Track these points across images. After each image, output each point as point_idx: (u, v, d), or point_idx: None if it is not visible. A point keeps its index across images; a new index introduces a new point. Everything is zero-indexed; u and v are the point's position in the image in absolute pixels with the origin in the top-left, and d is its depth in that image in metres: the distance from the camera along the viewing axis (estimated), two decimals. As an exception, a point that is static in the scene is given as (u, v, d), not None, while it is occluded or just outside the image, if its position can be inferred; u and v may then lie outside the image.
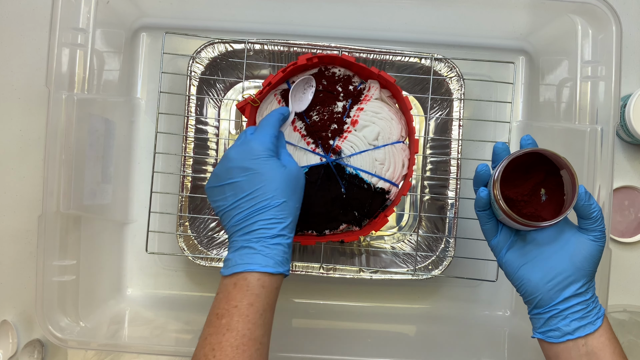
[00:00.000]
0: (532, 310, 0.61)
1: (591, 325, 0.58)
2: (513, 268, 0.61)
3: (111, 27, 0.79)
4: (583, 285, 0.58)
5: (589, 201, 0.58)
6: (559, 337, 0.58)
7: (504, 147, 0.62)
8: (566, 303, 0.58)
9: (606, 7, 0.70)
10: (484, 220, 0.62)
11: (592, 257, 0.58)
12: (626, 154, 0.85)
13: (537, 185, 0.61)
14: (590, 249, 0.58)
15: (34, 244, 0.70)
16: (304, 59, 0.71)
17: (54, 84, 0.69)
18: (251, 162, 0.60)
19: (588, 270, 0.58)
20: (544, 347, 0.60)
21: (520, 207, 0.61)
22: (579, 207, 0.58)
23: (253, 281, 0.57)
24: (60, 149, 0.70)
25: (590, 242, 0.58)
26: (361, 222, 0.75)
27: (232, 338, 0.55)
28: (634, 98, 0.78)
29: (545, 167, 0.60)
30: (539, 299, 0.59)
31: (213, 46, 0.79)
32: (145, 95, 0.85)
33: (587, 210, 0.58)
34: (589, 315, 0.58)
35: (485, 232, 0.63)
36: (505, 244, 0.62)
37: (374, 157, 0.73)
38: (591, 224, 0.59)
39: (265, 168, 0.60)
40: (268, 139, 0.62)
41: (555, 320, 0.58)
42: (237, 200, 0.60)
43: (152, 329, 0.79)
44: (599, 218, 0.58)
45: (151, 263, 0.85)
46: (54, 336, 0.70)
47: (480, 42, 0.84)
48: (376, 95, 0.75)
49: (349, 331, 0.82)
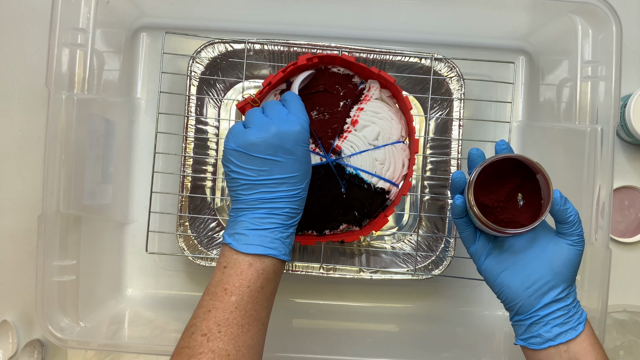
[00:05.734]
0: (514, 317, 0.60)
1: (573, 330, 0.57)
2: (492, 275, 0.60)
3: (111, 27, 0.79)
4: (563, 290, 0.58)
5: (564, 205, 0.57)
6: (540, 344, 0.58)
7: (478, 153, 0.62)
8: (547, 309, 0.58)
9: (606, 7, 0.70)
10: (461, 227, 0.62)
11: (571, 262, 0.58)
12: (626, 154, 0.85)
13: (513, 190, 0.60)
14: (568, 254, 0.58)
15: (34, 244, 0.70)
16: (304, 59, 0.71)
17: (54, 84, 0.69)
18: (296, 147, 0.59)
19: (567, 275, 0.58)
20: (527, 354, 0.60)
21: (497, 214, 0.60)
22: (555, 211, 0.58)
23: (269, 266, 0.57)
24: (60, 149, 0.70)
25: (569, 247, 0.58)
26: (361, 222, 0.75)
27: (240, 317, 0.55)
28: (634, 98, 0.78)
29: (521, 172, 0.60)
30: (519, 305, 0.59)
31: (213, 46, 0.79)
32: (145, 95, 0.85)
33: (563, 214, 0.58)
34: (571, 320, 0.57)
35: (463, 239, 0.63)
36: (484, 250, 0.61)
37: (374, 157, 0.73)
38: (568, 229, 0.58)
39: (307, 158, 0.60)
40: (307, 126, 0.61)
41: (536, 326, 0.58)
42: (271, 178, 0.58)
43: (152, 329, 0.79)
44: (575, 222, 0.58)
45: (151, 263, 0.85)
46: (54, 336, 0.70)
47: (480, 42, 0.84)
48: (376, 95, 0.75)
49: (349, 331, 0.82)
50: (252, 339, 0.55)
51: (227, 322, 0.54)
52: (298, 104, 0.62)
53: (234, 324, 0.54)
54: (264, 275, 0.57)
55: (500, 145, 0.61)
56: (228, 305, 0.55)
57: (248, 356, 0.55)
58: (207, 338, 0.54)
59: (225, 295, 0.56)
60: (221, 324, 0.54)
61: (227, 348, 0.53)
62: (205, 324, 0.54)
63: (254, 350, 0.56)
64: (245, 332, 0.55)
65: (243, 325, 0.55)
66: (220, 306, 0.55)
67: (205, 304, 0.56)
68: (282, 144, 0.58)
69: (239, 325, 0.55)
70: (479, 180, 0.59)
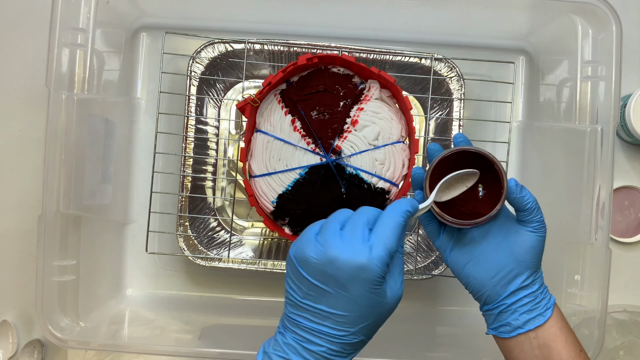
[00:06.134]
0: (482, 307, 0.60)
1: (541, 316, 0.57)
2: (458, 267, 0.60)
3: (111, 27, 0.79)
4: (528, 277, 0.58)
5: (520, 193, 0.57)
6: (510, 332, 0.58)
7: (436, 147, 0.62)
8: (513, 297, 0.58)
9: (606, 7, 0.70)
10: (425, 222, 0.62)
11: (533, 249, 0.58)
12: (626, 154, 0.85)
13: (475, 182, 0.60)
14: (530, 241, 0.58)
15: (34, 244, 0.70)
16: (304, 59, 0.71)
17: (54, 84, 0.69)
18: (354, 284, 0.48)
19: (530, 262, 0.58)
20: (499, 343, 0.60)
21: (458, 206, 0.60)
22: (512, 200, 0.58)
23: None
24: (60, 149, 0.70)
25: (530, 234, 0.58)
26: (361, 222, 0.74)
27: None
28: (634, 98, 0.78)
29: (481, 163, 0.59)
30: (486, 295, 0.59)
31: (213, 46, 0.79)
32: (145, 95, 0.85)
33: (520, 202, 0.57)
34: (538, 307, 0.57)
35: (428, 233, 0.63)
36: (449, 244, 0.61)
37: (374, 157, 0.73)
38: (527, 216, 0.58)
39: (366, 300, 0.48)
40: (386, 258, 0.48)
41: (504, 315, 0.58)
42: (314, 306, 0.49)
43: (152, 329, 0.79)
44: (534, 209, 0.57)
45: (151, 263, 0.85)
46: (54, 336, 0.70)
47: (480, 42, 0.84)
48: (376, 95, 0.75)
49: (349, 331, 0.82)
50: None
51: None
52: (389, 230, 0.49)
53: None
54: None
55: (457, 138, 0.61)
56: None
57: None
58: None
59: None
60: None
61: None
62: None
63: None
64: None
65: None
66: None
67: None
68: (335, 275, 0.48)
69: None
70: (437, 175, 0.59)
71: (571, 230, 0.72)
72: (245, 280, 0.84)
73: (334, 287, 0.48)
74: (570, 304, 0.73)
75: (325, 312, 0.48)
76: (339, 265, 0.47)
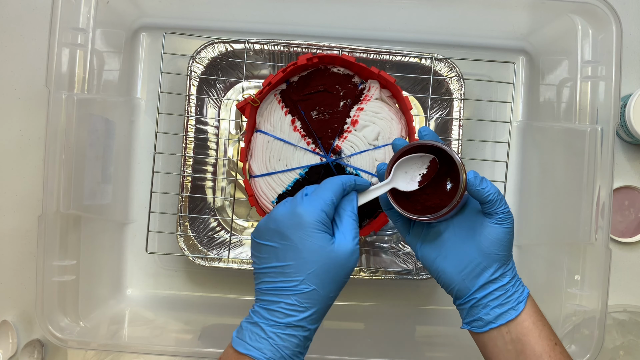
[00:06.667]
0: (455, 302, 0.59)
1: (513, 310, 0.56)
2: (428, 262, 0.59)
3: (111, 27, 0.79)
4: (496, 270, 0.56)
5: (480, 185, 0.55)
6: (482, 327, 0.57)
7: (401, 142, 0.60)
8: (483, 291, 0.56)
9: (606, 7, 0.70)
10: (393, 218, 0.61)
11: (499, 241, 0.56)
12: (626, 154, 0.85)
13: (442, 176, 0.59)
14: (495, 233, 0.56)
15: (34, 244, 0.70)
16: (304, 59, 0.71)
17: (54, 84, 0.69)
18: (292, 230, 0.52)
19: (498, 255, 0.56)
20: (474, 338, 0.59)
21: (423, 200, 0.59)
22: (473, 193, 0.56)
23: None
24: (60, 149, 0.70)
25: (495, 226, 0.56)
26: (361, 222, 0.75)
27: None
28: (634, 98, 0.78)
29: (445, 157, 0.58)
30: (457, 289, 0.58)
31: (213, 46, 0.79)
32: (145, 95, 0.85)
33: (481, 194, 0.55)
34: (510, 300, 0.56)
35: (398, 229, 0.62)
36: (418, 239, 0.60)
37: (374, 157, 0.73)
38: (490, 207, 0.56)
39: (305, 244, 0.52)
40: (321, 207, 0.53)
41: (476, 309, 0.57)
42: (268, 267, 0.53)
43: (152, 329, 0.79)
44: (496, 200, 0.56)
45: (151, 263, 0.85)
46: (54, 336, 0.70)
47: (480, 42, 0.84)
48: (376, 95, 0.75)
49: (349, 331, 0.82)
50: None
51: None
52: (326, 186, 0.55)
53: None
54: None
55: (421, 132, 0.60)
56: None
57: None
58: None
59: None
60: None
61: None
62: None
63: None
64: None
65: None
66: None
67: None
68: (281, 229, 0.53)
69: None
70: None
71: (571, 230, 0.72)
72: (245, 280, 0.84)
73: (279, 241, 0.53)
74: (570, 304, 0.73)
75: (276, 267, 0.53)
76: (277, 217, 0.53)
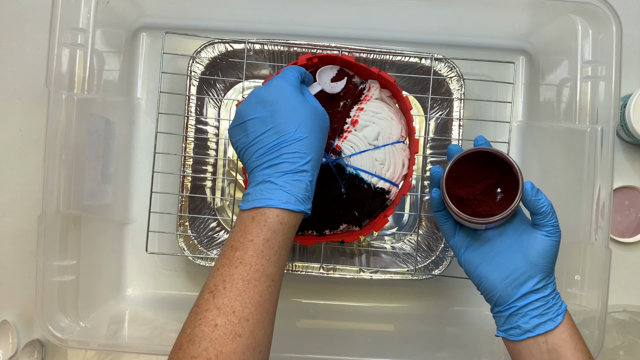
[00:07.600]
0: (493, 309, 0.61)
1: (551, 322, 0.57)
2: (471, 267, 0.61)
3: (111, 27, 0.79)
4: (540, 281, 0.58)
5: (536, 196, 0.58)
6: (519, 335, 0.58)
7: (456, 148, 0.63)
8: (524, 300, 0.58)
9: (606, 7, 0.70)
10: (441, 220, 0.63)
11: (547, 253, 0.58)
12: (626, 154, 0.85)
13: (493, 185, 0.61)
14: (543, 245, 0.58)
15: (34, 244, 0.70)
16: (304, 59, 0.71)
17: (54, 84, 0.69)
18: (274, 95, 0.59)
19: (543, 266, 0.58)
20: (508, 346, 0.60)
21: (474, 206, 0.61)
22: (527, 202, 0.58)
23: (272, 217, 0.56)
24: (60, 149, 0.70)
25: (544, 238, 0.58)
26: (361, 222, 0.75)
27: (245, 272, 0.53)
28: (634, 98, 0.78)
29: (500, 166, 0.60)
30: (498, 296, 0.59)
31: (213, 46, 0.79)
32: (145, 95, 0.85)
33: (535, 205, 0.58)
34: (549, 312, 0.58)
35: (443, 232, 0.64)
36: (463, 243, 0.62)
37: (374, 157, 0.73)
38: (542, 219, 0.58)
39: (289, 102, 0.58)
40: (291, 76, 0.61)
41: (515, 317, 0.58)
42: (259, 135, 0.58)
43: (152, 329, 0.79)
44: (549, 213, 0.58)
45: (151, 263, 0.85)
46: (54, 336, 0.70)
47: (480, 42, 0.84)
48: (376, 95, 0.75)
49: (349, 331, 0.82)
50: (260, 295, 0.53)
51: (231, 277, 0.53)
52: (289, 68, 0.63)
53: (238, 279, 0.53)
54: (267, 227, 0.55)
55: (478, 141, 0.62)
56: (233, 261, 0.54)
57: (256, 313, 0.52)
58: (213, 295, 0.53)
59: (231, 252, 0.55)
60: (226, 280, 0.53)
61: (232, 304, 0.52)
62: (213, 281, 0.54)
63: (263, 307, 0.53)
64: (251, 287, 0.53)
65: (249, 281, 0.53)
66: (227, 262, 0.54)
67: (216, 264, 0.55)
68: (264, 98, 0.59)
69: (245, 281, 0.53)
70: (456, 174, 0.60)
71: (571, 230, 0.72)
72: (245, 280, 0.84)
73: (263, 109, 0.58)
74: (570, 304, 0.72)
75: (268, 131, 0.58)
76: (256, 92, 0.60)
